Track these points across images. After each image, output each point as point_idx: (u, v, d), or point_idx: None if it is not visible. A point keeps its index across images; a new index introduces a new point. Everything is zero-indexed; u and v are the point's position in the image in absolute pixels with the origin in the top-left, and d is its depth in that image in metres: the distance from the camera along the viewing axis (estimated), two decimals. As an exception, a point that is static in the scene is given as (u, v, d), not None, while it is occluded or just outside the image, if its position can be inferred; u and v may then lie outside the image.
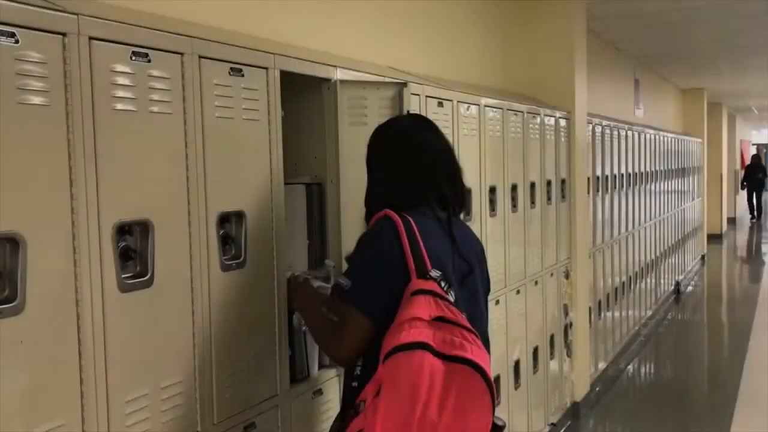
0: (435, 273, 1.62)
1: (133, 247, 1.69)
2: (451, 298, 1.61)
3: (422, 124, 1.92)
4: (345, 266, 1.76)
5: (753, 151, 23.54)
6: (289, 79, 2.25)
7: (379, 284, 1.66)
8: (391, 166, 1.84)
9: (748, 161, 19.90)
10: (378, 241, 1.70)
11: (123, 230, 1.66)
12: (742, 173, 19.16)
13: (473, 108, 3.45)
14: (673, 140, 9.19)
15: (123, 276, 1.65)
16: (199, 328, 1.86)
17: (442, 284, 1.61)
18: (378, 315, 1.63)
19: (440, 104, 3.12)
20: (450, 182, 1.84)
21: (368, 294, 1.67)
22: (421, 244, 1.65)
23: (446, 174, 1.84)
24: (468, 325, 1.56)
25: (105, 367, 1.59)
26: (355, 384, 1.71)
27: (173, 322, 1.79)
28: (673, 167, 9.10)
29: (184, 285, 1.82)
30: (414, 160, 1.82)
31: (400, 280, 1.62)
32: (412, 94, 2.84)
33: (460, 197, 1.89)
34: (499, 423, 1.58)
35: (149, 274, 1.71)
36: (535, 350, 4.26)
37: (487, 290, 1.94)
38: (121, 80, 1.63)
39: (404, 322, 1.51)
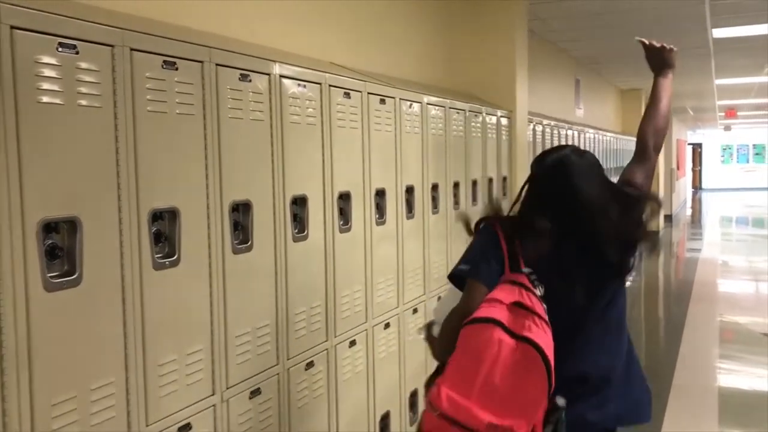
0: (526, 270, 1.82)
1: (60, 245, 1.64)
2: (539, 292, 1.79)
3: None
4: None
5: (689, 150, 24.17)
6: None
7: (486, 264, 1.86)
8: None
9: (684, 161, 20.47)
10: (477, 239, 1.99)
11: (49, 228, 1.61)
12: (678, 173, 19.72)
13: (416, 106, 3.46)
14: (612, 140, 9.41)
15: (49, 275, 1.60)
16: (131, 328, 1.81)
17: (533, 278, 1.80)
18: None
19: (382, 101, 3.12)
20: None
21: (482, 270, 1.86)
22: (519, 248, 1.84)
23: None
24: (544, 315, 1.74)
25: (29, 369, 1.54)
26: None
27: (103, 321, 1.74)
28: (612, 166, 9.32)
29: (115, 284, 1.77)
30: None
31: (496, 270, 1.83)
32: (354, 90, 2.84)
33: None
34: (560, 403, 1.72)
35: (77, 273, 1.66)
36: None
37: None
38: (47, 72, 1.57)
39: (486, 301, 1.75)
